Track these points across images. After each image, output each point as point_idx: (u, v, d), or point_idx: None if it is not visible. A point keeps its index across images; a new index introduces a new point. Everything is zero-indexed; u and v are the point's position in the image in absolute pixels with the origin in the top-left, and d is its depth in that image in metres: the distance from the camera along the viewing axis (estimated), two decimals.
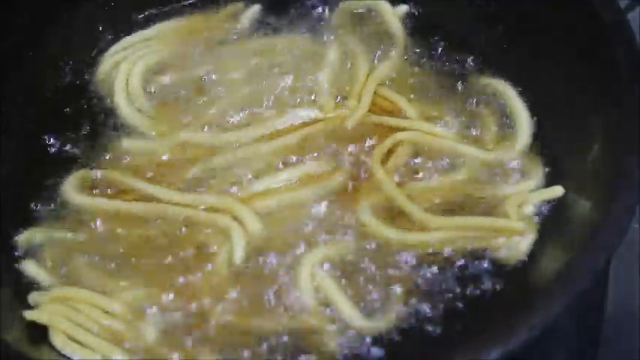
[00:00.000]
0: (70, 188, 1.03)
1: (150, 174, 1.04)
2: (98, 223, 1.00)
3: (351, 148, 1.05)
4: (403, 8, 1.20)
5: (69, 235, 1.00)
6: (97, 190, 1.03)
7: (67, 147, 1.08)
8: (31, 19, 1.13)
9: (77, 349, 0.90)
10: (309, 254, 0.95)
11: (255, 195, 1.01)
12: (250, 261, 0.95)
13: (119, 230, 0.99)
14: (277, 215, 0.99)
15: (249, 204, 1.00)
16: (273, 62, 1.15)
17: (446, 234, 0.96)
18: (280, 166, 1.04)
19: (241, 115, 1.09)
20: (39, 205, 1.03)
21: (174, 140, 1.07)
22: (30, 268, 0.97)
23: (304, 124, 1.07)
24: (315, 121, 1.08)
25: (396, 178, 1.02)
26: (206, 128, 1.08)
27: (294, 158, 1.04)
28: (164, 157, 1.06)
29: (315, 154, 1.05)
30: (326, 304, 0.92)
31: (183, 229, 0.99)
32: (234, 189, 1.02)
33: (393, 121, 1.07)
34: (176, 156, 1.06)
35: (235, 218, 0.98)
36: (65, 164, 1.06)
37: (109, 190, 1.03)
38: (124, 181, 1.03)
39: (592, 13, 0.99)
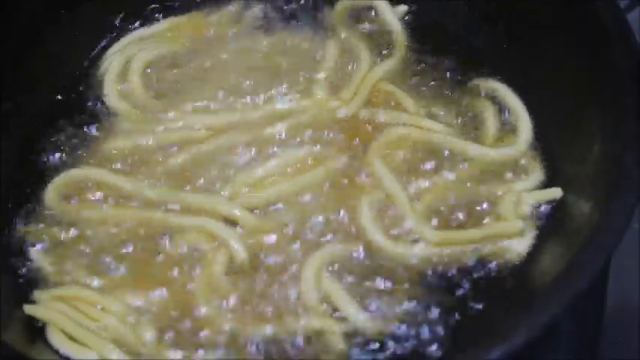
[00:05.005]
0: (53, 195, 1.03)
1: (137, 164, 1.05)
2: (90, 225, 1.00)
3: (347, 140, 1.06)
4: (403, 8, 1.20)
5: (65, 234, 1.00)
6: (84, 192, 1.03)
7: (66, 146, 1.08)
8: (31, 19, 1.13)
9: (75, 348, 0.90)
10: (312, 256, 0.95)
11: (245, 187, 1.01)
12: (251, 262, 0.95)
13: (112, 231, 0.99)
14: (274, 215, 0.99)
15: (240, 200, 1.00)
16: (273, 59, 1.15)
17: (445, 249, 0.96)
18: (271, 154, 1.04)
19: (236, 105, 1.10)
20: (38, 204, 1.03)
21: (168, 122, 1.08)
22: (35, 256, 0.98)
23: (297, 113, 1.08)
24: (308, 110, 1.08)
25: (395, 175, 1.02)
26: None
27: (286, 146, 1.05)
28: (152, 142, 1.06)
29: (308, 144, 1.05)
30: (330, 305, 0.92)
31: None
32: (222, 180, 1.02)
33: (392, 116, 1.07)
34: (166, 143, 1.06)
35: (225, 219, 0.98)
36: (64, 163, 1.06)
37: (97, 191, 1.03)
38: (111, 182, 1.03)
39: (592, 13, 0.99)
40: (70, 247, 0.99)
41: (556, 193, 0.99)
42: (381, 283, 0.94)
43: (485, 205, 1.00)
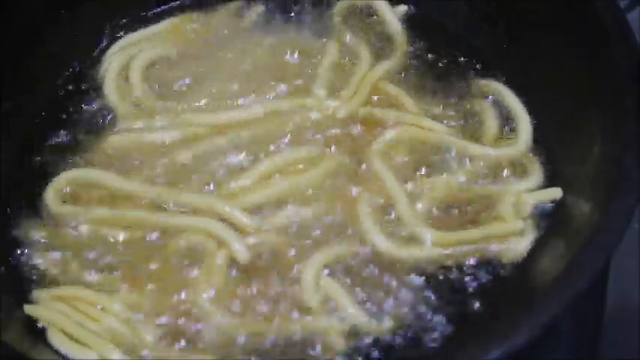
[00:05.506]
0: (53, 195, 1.02)
1: (137, 164, 1.05)
2: (90, 225, 1.00)
3: (347, 140, 1.06)
4: (403, 8, 1.20)
5: (65, 234, 1.00)
6: (84, 192, 1.03)
7: (66, 146, 1.08)
8: (31, 19, 1.13)
9: (75, 348, 0.90)
10: (312, 257, 0.95)
11: (244, 187, 1.01)
12: (251, 263, 0.95)
13: (112, 231, 0.99)
14: (273, 215, 0.99)
15: (239, 200, 0.99)
16: (273, 59, 1.15)
17: (445, 250, 0.96)
18: (271, 153, 1.04)
19: (235, 104, 1.10)
20: (38, 204, 1.03)
21: (168, 121, 1.08)
22: (35, 256, 0.98)
23: (296, 113, 1.08)
24: (308, 109, 1.08)
25: (395, 175, 1.01)
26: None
27: (285, 146, 1.05)
28: (152, 142, 1.06)
29: (308, 143, 1.05)
30: (331, 305, 0.92)
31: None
32: (222, 180, 1.02)
33: (392, 115, 1.07)
34: (166, 142, 1.06)
35: (225, 219, 0.98)
36: (64, 163, 1.06)
37: (96, 191, 1.03)
38: (110, 182, 1.03)
39: (592, 13, 0.99)
40: (69, 247, 0.99)
41: (556, 193, 0.99)
42: (380, 283, 0.94)
43: (485, 205, 1.00)
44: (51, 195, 1.02)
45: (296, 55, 1.16)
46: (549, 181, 1.01)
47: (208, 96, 1.11)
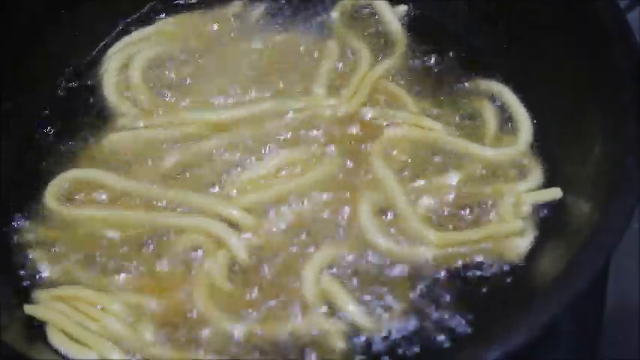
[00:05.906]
0: (52, 195, 1.02)
1: (137, 164, 1.05)
2: (89, 225, 1.00)
3: (347, 140, 1.06)
4: (403, 8, 1.20)
5: (65, 235, 1.00)
6: (84, 192, 1.03)
7: (66, 146, 1.08)
8: (31, 19, 1.13)
9: (75, 348, 0.90)
10: (312, 257, 0.95)
11: (244, 187, 1.01)
12: (251, 263, 0.95)
13: (112, 231, 0.99)
14: (273, 215, 0.99)
15: (239, 200, 1.00)
16: (273, 58, 1.16)
17: (445, 250, 0.96)
18: (271, 153, 1.04)
19: (236, 103, 1.10)
20: (38, 204, 1.03)
21: (168, 121, 1.08)
22: (35, 256, 0.98)
23: (297, 112, 1.08)
24: (308, 108, 1.08)
25: (395, 175, 1.02)
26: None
27: (286, 146, 1.05)
28: (152, 141, 1.06)
29: (308, 143, 1.05)
30: (331, 305, 0.92)
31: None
32: (222, 180, 1.02)
33: (392, 115, 1.07)
34: (166, 142, 1.06)
35: (225, 219, 0.98)
36: (63, 163, 1.06)
37: (96, 191, 1.03)
38: (110, 182, 1.03)
39: (592, 13, 0.99)
40: (69, 247, 0.99)
41: (556, 193, 0.99)
42: (381, 284, 0.94)
43: (485, 206, 1.00)
44: (51, 195, 1.02)
45: (296, 55, 1.16)
46: (549, 181, 1.01)
47: (208, 95, 1.12)
